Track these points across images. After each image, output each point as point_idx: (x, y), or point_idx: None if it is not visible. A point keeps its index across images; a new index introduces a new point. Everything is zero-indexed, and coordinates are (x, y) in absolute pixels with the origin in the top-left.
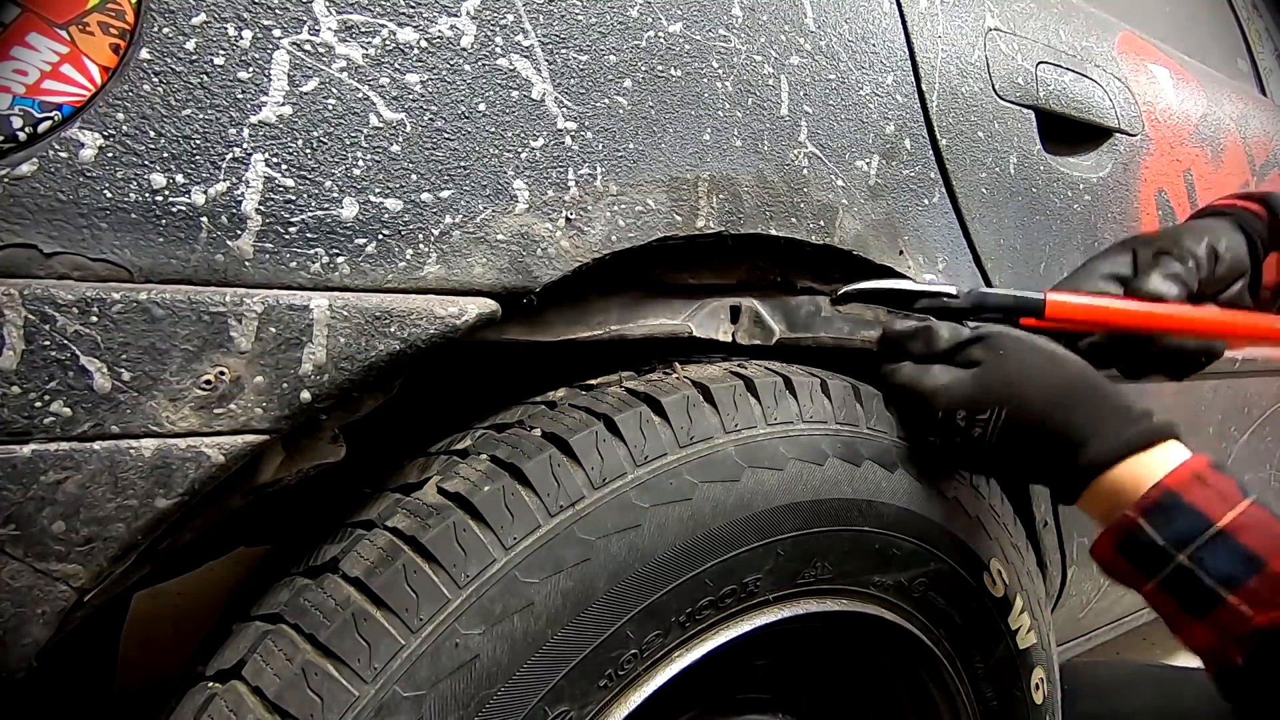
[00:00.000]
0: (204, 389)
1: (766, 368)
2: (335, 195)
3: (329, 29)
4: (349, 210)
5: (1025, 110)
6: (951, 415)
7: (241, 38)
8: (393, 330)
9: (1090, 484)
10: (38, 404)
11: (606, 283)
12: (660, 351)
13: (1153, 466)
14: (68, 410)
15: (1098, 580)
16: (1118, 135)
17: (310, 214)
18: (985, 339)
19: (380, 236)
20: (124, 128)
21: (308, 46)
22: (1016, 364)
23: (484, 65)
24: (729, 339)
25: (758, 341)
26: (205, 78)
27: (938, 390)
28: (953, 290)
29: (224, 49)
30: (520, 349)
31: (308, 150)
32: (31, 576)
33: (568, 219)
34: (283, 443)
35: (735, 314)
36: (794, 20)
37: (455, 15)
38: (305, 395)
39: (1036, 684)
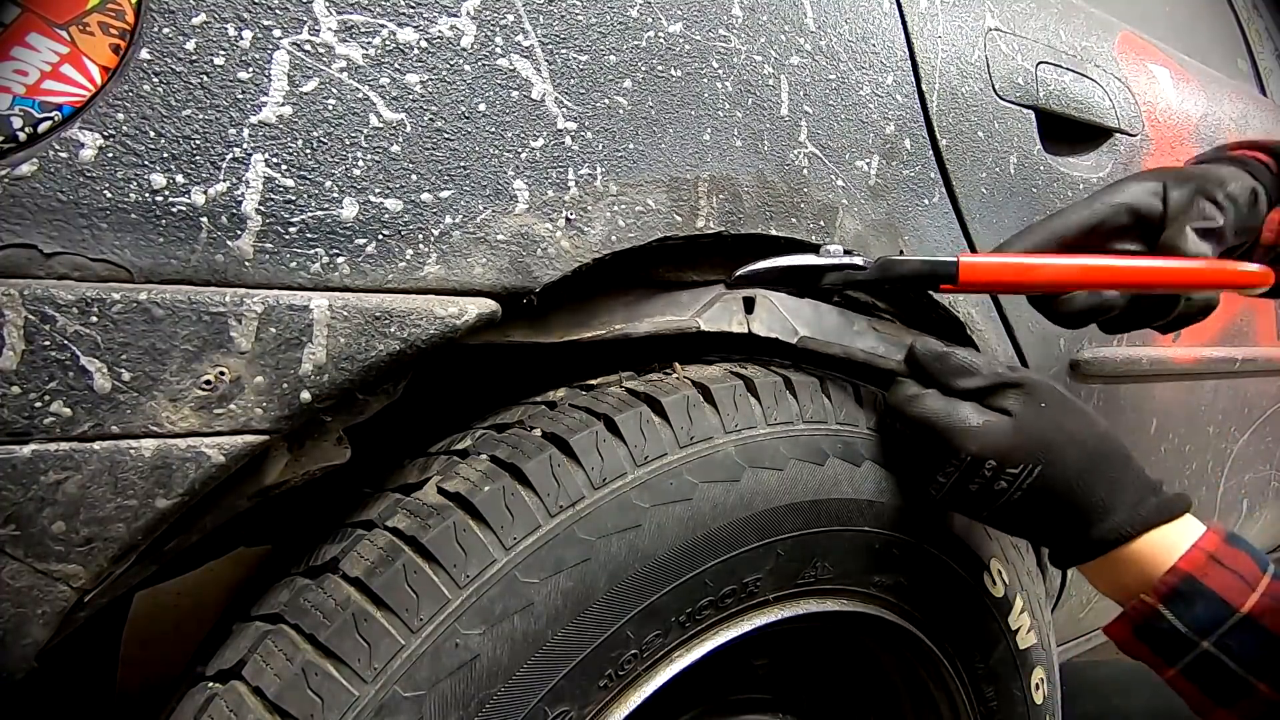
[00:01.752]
0: (204, 389)
1: (767, 367)
2: (335, 195)
3: (329, 29)
4: (349, 210)
5: (1025, 110)
6: (980, 462)
7: (241, 38)
8: (393, 330)
9: (1101, 557)
10: (38, 404)
11: (609, 282)
12: (664, 351)
13: (1167, 546)
14: (68, 410)
15: None
16: (1118, 135)
17: (310, 214)
18: (1025, 386)
19: (380, 236)
20: (124, 128)
21: (308, 46)
22: (1056, 422)
23: (484, 65)
24: (744, 329)
25: (775, 335)
26: (205, 78)
27: (970, 433)
28: (860, 261)
29: (224, 49)
30: (521, 350)
31: (308, 150)
32: (31, 577)
33: (568, 219)
34: (288, 445)
35: (750, 305)
36: (794, 20)
37: (455, 15)
38: (305, 395)
39: (1036, 684)
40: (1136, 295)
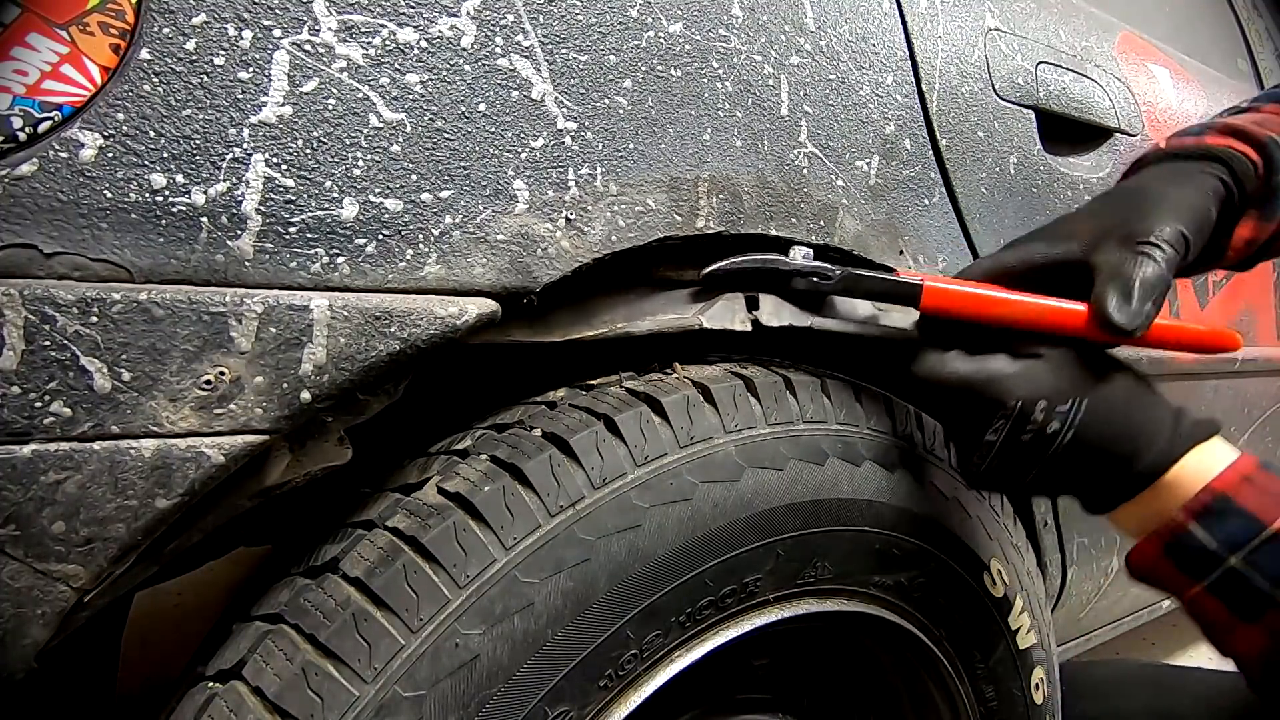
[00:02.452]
0: (204, 389)
1: (767, 367)
2: (335, 195)
3: (329, 29)
4: (349, 210)
5: (1025, 110)
6: (1032, 405)
7: (241, 38)
8: (393, 330)
9: (1139, 493)
10: (38, 404)
11: (609, 282)
12: (665, 351)
13: (1200, 468)
14: (68, 410)
15: (1098, 580)
16: (1118, 135)
17: (310, 214)
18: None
19: (380, 236)
20: (124, 128)
21: (308, 46)
22: (1086, 355)
23: (484, 65)
24: (747, 328)
25: (787, 323)
26: (205, 78)
27: (1013, 377)
28: (828, 269)
29: (224, 49)
30: (522, 349)
31: (308, 150)
32: (31, 577)
33: (568, 219)
34: (289, 445)
35: (753, 303)
36: (794, 20)
37: (455, 15)
38: (305, 395)
39: (1036, 684)
40: None
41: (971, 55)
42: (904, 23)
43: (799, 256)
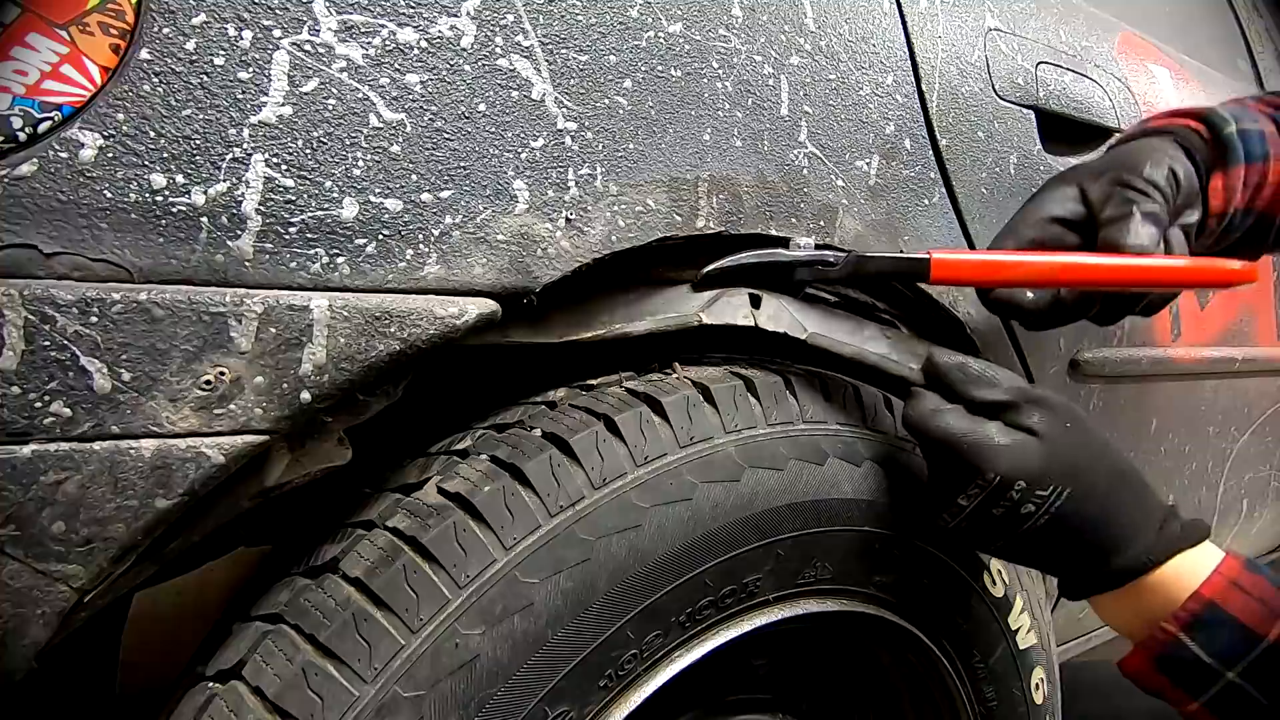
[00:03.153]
0: (204, 389)
1: (766, 367)
2: (335, 195)
3: (329, 29)
4: (349, 210)
5: (1025, 110)
6: (1009, 484)
7: (241, 38)
8: (393, 330)
9: (1115, 589)
10: (38, 404)
11: (609, 281)
12: (666, 351)
13: (1186, 573)
14: (68, 410)
15: None
16: (1118, 135)
17: (310, 214)
18: (1048, 404)
19: (380, 237)
20: (124, 128)
21: (308, 46)
22: (1082, 443)
23: (484, 65)
24: (751, 322)
25: (784, 330)
26: (205, 78)
27: (999, 451)
28: (831, 257)
29: (224, 49)
30: (521, 349)
31: (308, 150)
32: (31, 577)
33: (568, 219)
34: (289, 445)
35: (756, 301)
36: (794, 20)
37: (455, 15)
38: (305, 396)
39: (1036, 684)
40: (1110, 294)
41: (971, 55)
42: (904, 23)
43: (801, 246)
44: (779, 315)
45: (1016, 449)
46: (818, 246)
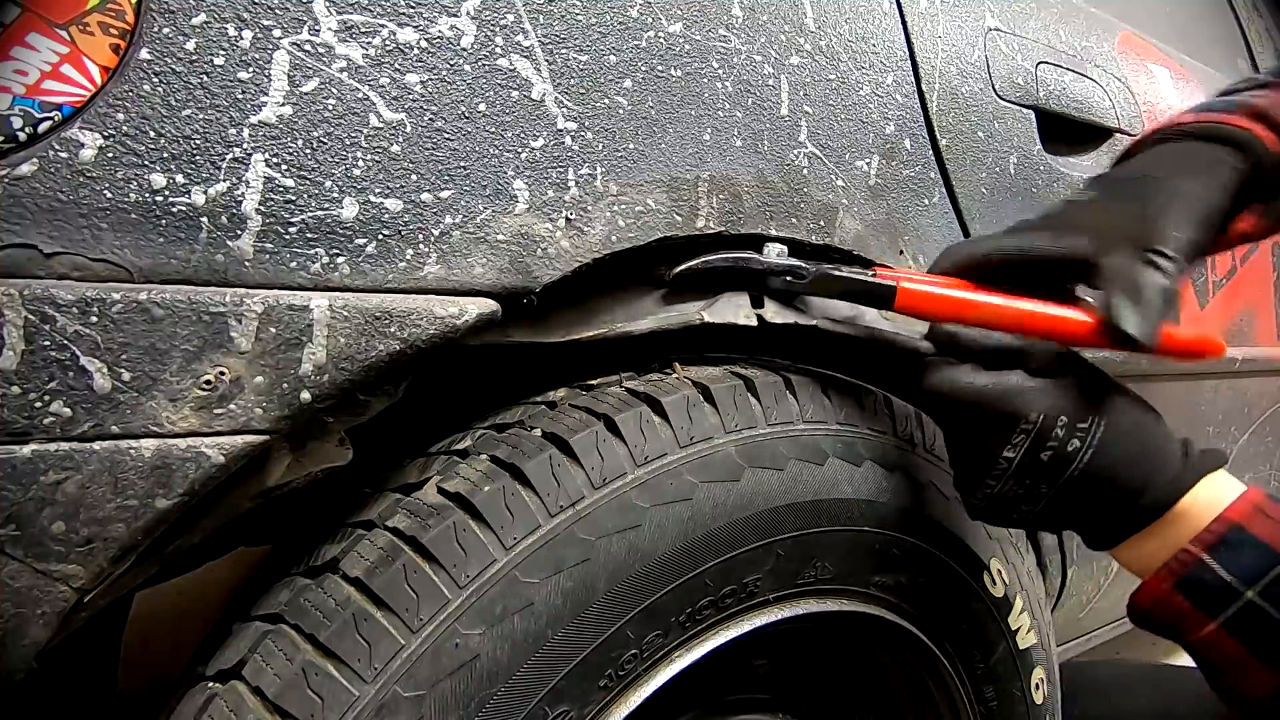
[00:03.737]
0: (204, 389)
1: (766, 367)
2: (335, 195)
3: (329, 29)
4: (349, 210)
5: (1025, 110)
6: (1053, 421)
7: (241, 38)
8: (393, 330)
9: (1147, 526)
10: (38, 404)
11: (609, 281)
12: (666, 351)
13: (1210, 499)
14: (68, 410)
15: (1097, 580)
16: (1118, 135)
17: (310, 214)
18: (1053, 348)
19: (380, 236)
20: (124, 128)
21: (308, 46)
22: (1097, 378)
23: (484, 65)
24: (753, 322)
25: (792, 321)
26: (205, 78)
27: (1033, 392)
28: (802, 266)
29: (224, 49)
30: (522, 349)
31: (308, 150)
32: (31, 577)
33: (568, 219)
34: (290, 446)
35: (757, 300)
36: (794, 20)
37: (455, 15)
38: (305, 395)
39: (1036, 684)
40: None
41: (971, 55)
42: (904, 23)
43: (773, 254)
44: (783, 310)
45: (1049, 388)
46: (790, 253)
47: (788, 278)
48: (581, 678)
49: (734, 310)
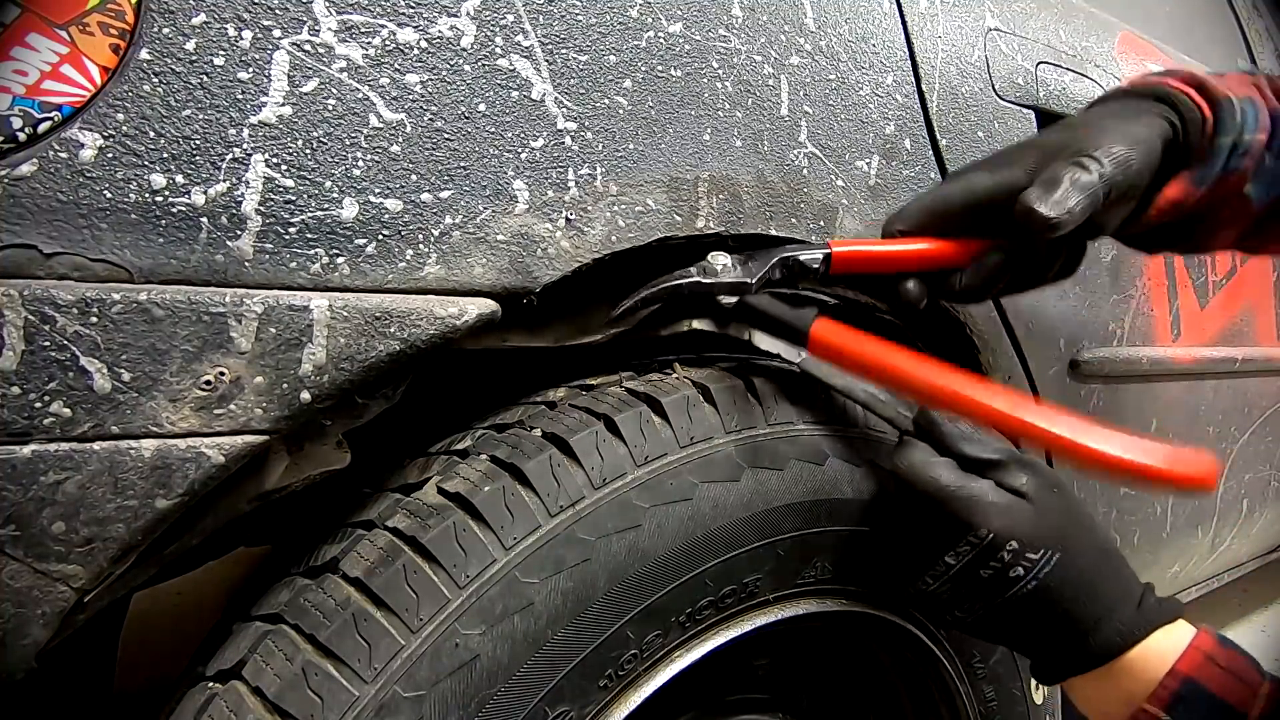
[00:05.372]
0: (204, 389)
1: (766, 368)
2: (335, 195)
3: (329, 29)
4: (349, 210)
5: (1025, 110)
6: (1002, 544)
7: (241, 38)
8: (393, 331)
9: (1095, 669)
10: (38, 404)
11: (609, 282)
12: (666, 351)
13: (1162, 650)
14: (68, 411)
15: None
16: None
17: (310, 214)
18: (1035, 468)
19: (380, 237)
20: (124, 128)
21: (308, 47)
22: (1069, 509)
23: (484, 65)
24: (744, 336)
25: (778, 352)
26: (205, 78)
27: (994, 508)
28: (747, 280)
29: (224, 49)
30: (521, 350)
31: (308, 150)
32: (31, 577)
33: (568, 219)
34: (288, 449)
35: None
36: (794, 20)
37: (455, 15)
38: (305, 396)
39: (1036, 684)
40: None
41: (971, 55)
42: (904, 23)
43: (719, 264)
44: (771, 340)
45: (1010, 508)
46: (740, 244)
47: (733, 296)
48: (581, 678)
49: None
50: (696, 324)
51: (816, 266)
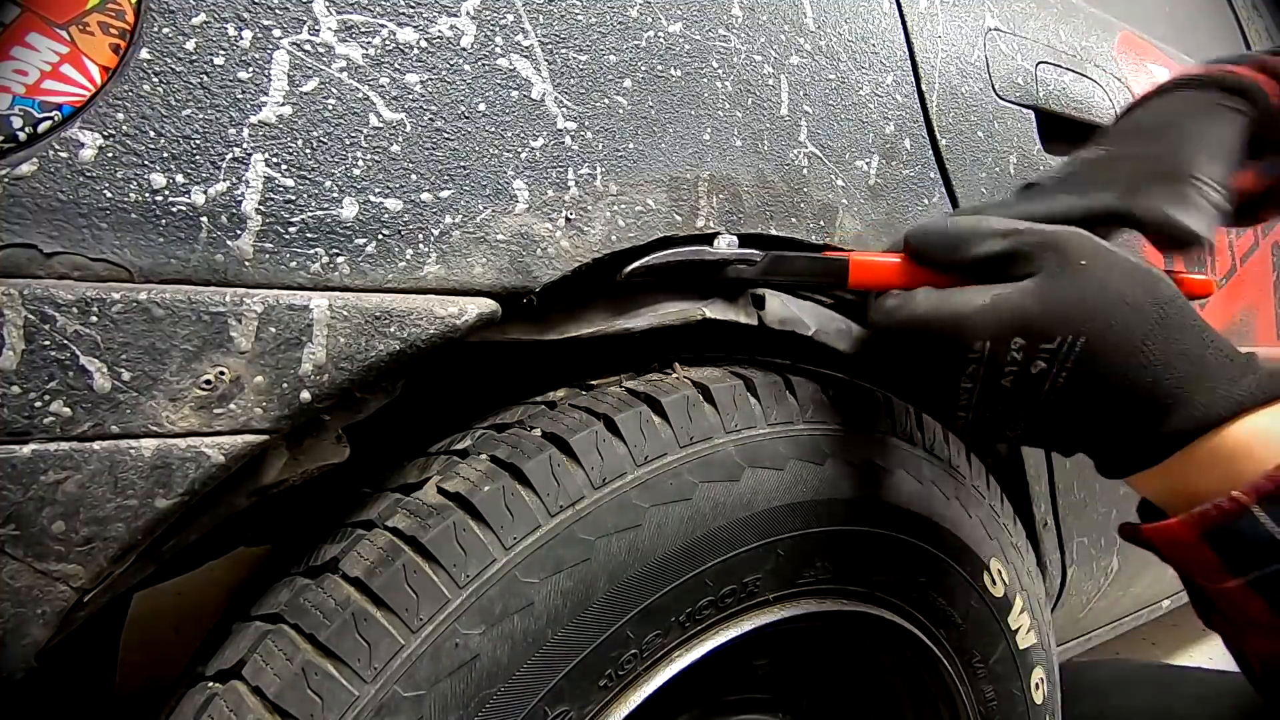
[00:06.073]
0: (204, 389)
1: (766, 368)
2: (335, 195)
3: (329, 29)
4: (349, 210)
5: (1025, 110)
6: (1003, 344)
7: (241, 38)
8: (392, 330)
9: (1176, 454)
10: (38, 404)
11: (608, 282)
12: (666, 350)
13: (1269, 436)
14: (68, 410)
15: (1098, 580)
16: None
17: (310, 214)
18: (1052, 245)
19: (380, 236)
20: (124, 128)
21: (308, 46)
22: (1099, 280)
23: (484, 65)
24: (754, 321)
25: (790, 328)
26: (205, 78)
27: (977, 315)
28: (754, 254)
29: (224, 49)
30: (522, 348)
31: (308, 150)
32: (31, 576)
33: (568, 219)
34: (286, 444)
35: (760, 301)
36: (794, 20)
37: (455, 15)
38: (305, 395)
39: (1036, 684)
40: None
41: (971, 55)
42: (904, 23)
43: (723, 245)
44: (785, 314)
45: (1003, 304)
46: (741, 244)
47: (741, 265)
48: (581, 678)
49: (736, 313)
50: (709, 312)
51: (837, 272)
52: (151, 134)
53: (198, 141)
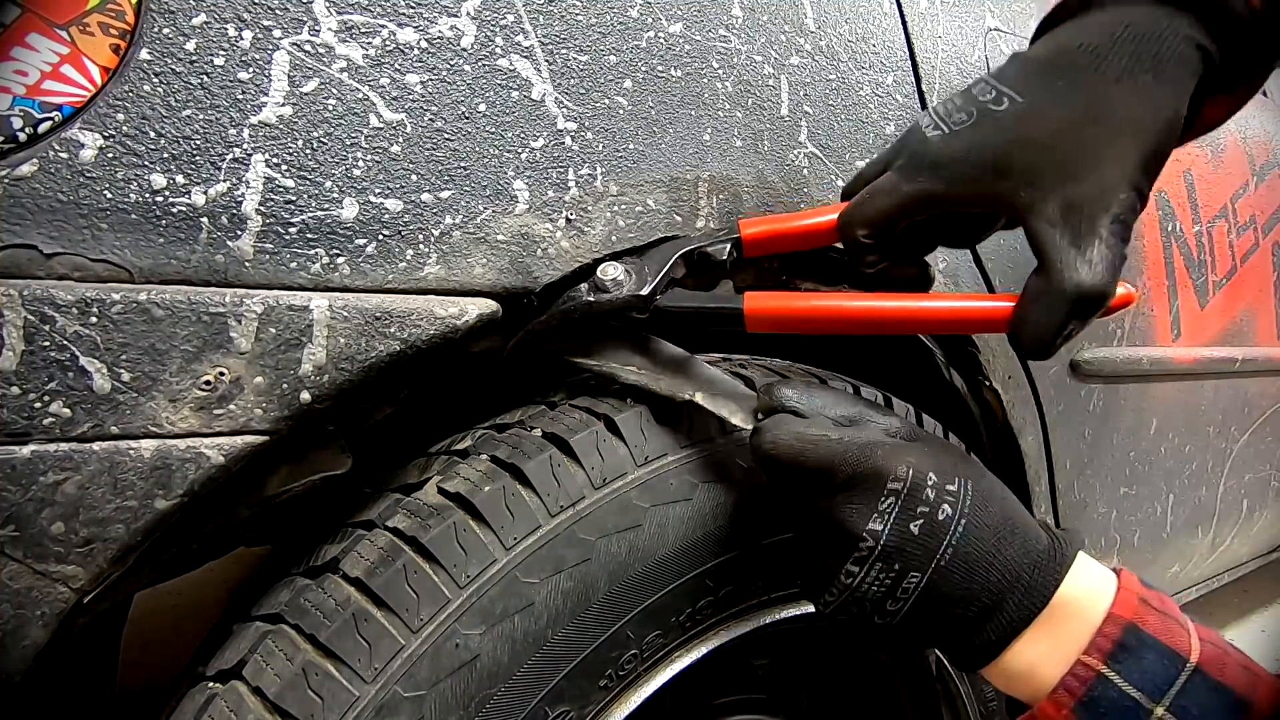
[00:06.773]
0: (204, 390)
1: (766, 368)
2: (335, 195)
3: (329, 29)
4: (349, 210)
5: None
6: (922, 480)
7: (241, 38)
8: (393, 331)
9: (1032, 622)
10: (37, 404)
11: None
12: None
13: (1087, 591)
14: (67, 411)
15: None
16: None
17: (310, 214)
18: (890, 413)
19: (380, 237)
20: (124, 128)
21: (308, 47)
22: (941, 441)
23: (484, 65)
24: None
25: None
26: (205, 78)
27: (896, 449)
28: (642, 292)
29: (224, 49)
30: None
31: (308, 150)
32: (31, 578)
33: (568, 219)
34: (289, 455)
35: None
36: (794, 20)
37: (455, 15)
38: (305, 396)
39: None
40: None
41: (971, 55)
42: (904, 23)
43: (609, 277)
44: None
45: (905, 444)
46: (637, 269)
47: (632, 313)
48: (581, 678)
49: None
50: (612, 366)
51: (724, 258)
52: (152, 134)
53: (198, 142)
